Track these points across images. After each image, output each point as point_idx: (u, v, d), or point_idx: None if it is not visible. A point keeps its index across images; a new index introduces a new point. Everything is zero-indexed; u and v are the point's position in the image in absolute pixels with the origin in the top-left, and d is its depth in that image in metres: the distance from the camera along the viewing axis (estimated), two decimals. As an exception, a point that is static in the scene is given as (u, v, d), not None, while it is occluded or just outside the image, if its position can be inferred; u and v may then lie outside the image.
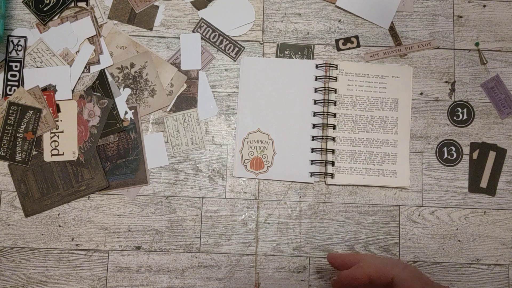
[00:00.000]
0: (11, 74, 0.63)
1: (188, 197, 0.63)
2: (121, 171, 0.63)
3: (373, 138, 0.64)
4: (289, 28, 0.66)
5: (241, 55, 0.65)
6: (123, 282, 0.61)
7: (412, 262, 0.63)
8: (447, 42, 0.66)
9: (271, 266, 0.62)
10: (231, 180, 0.64)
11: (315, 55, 0.66)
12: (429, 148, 0.65)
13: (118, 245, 0.62)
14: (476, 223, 0.64)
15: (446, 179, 0.64)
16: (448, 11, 0.67)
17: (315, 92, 0.65)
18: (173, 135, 0.64)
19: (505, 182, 0.65)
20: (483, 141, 0.65)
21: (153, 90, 0.64)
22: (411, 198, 0.64)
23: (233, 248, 0.62)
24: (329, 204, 0.64)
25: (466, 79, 0.66)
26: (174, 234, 0.62)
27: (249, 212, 0.63)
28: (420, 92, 0.66)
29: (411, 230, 0.63)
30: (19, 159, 0.62)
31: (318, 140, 0.64)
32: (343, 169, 0.63)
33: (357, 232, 0.63)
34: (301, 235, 0.63)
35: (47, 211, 0.62)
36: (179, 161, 0.64)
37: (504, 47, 0.67)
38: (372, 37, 0.66)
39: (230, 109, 0.65)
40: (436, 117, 0.65)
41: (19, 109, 0.62)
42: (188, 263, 0.62)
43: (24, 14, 0.65)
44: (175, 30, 0.66)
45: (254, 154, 0.64)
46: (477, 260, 0.63)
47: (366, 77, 0.65)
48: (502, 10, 0.67)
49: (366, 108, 0.65)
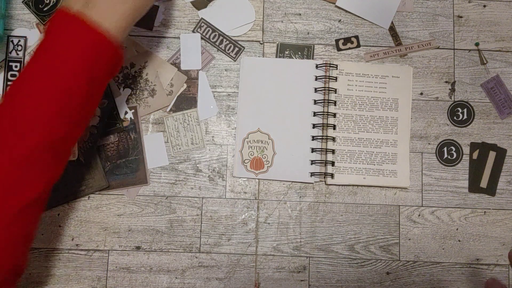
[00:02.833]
0: (11, 74, 0.63)
1: (188, 197, 0.63)
2: (121, 171, 0.63)
3: (373, 138, 0.64)
4: (289, 28, 0.66)
5: (241, 55, 0.65)
6: (123, 282, 0.61)
7: (412, 262, 0.63)
8: (447, 42, 0.66)
9: (271, 266, 0.62)
10: (231, 180, 0.64)
11: (315, 55, 0.66)
12: (429, 148, 0.65)
13: (118, 245, 0.62)
14: (476, 223, 0.64)
15: (446, 179, 0.64)
16: (448, 11, 0.67)
17: (315, 92, 0.65)
18: (173, 135, 0.64)
19: (505, 182, 0.65)
20: (483, 141, 0.65)
21: (153, 90, 0.64)
22: (411, 198, 0.64)
23: (233, 248, 0.62)
24: (329, 204, 0.64)
25: (466, 79, 0.66)
26: (174, 234, 0.62)
27: (249, 212, 0.63)
28: (420, 92, 0.66)
29: (411, 230, 0.63)
30: (19, 159, 0.62)
31: (318, 140, 0.64)
32: (343, 169, 0.63)
33: (357, 232, 0.63)
34: (301, 235, 0.63)
35: (47, 211, 0.62)
36: (179, 161, 0.64)
37: (504, 47, 0.67)
38: (372, 37, 0.66)
39: (230, 109, 0.65)
40: (436, 117, 0.65)
41: (19, 109, 0.62)
42: (188, 263, 0.62)
43: (24, 14, 0.65)
44: (175, 30, 0.66)
45: (254, 154, 0.64)
46: (477, 260, 0.63)
47: (366, 77, 0.65)
48: (502, 10, 0.67)
49: (366, 108, 0.65)
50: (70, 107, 0.45)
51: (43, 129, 0.43)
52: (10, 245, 0.44)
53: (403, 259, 0.63)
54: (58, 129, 0.44)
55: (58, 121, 0.44)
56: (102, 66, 0.46)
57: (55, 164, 0.46)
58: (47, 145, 0.44)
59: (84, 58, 0.44)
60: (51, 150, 0.45)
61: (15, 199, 0.43)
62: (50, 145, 0.44)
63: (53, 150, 0.45)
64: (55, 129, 0.44)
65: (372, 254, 0.63)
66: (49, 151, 0.44)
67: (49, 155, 0.45)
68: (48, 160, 0.45)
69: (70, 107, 0.45)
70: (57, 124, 0.44)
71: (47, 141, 0.44)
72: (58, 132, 0.44)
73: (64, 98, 0.44)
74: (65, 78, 0.44)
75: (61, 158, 0.47)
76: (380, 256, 0.63)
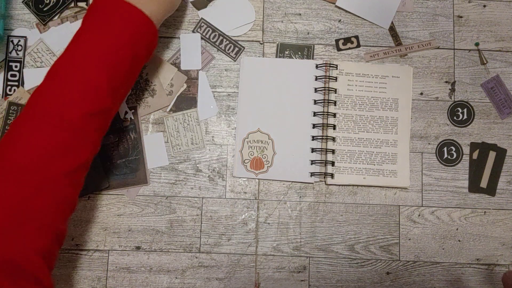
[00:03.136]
0: (11, 74, 0.63)
1: (188, 197, 0.63)
2: (121, 171, 0.63)
3: (373, 138, 0.64)
4: (289, 28, 0.66)
5: (241, 55, 0.65)
6: (123, 282, 0.61)
7: (412, 262, 0.63)
8: (447, 42, 0.66)
9: (271, 266, 0.62)
10: (231, 180, 0.64)
11: (315, 55, 0.66)
12: (429, 148, 0.65)
13: (118, 245, 0.62)
14: (476, 223, 0.64)
15: (446, 179, 0.64)
16: (448, 11, 0.67)
17: (315, 92, 0.65)
18: (173, 135, 0.64)
19: (505, 182, 0.65)
20: (483, 141, 0.65)
21: (153, 90, 0.64)
22: (411, 198, 0.64)
23: (233, 248, 0.62)
24: (329, 204, 0.64)
25: (466, 79, 0.66)
26: (174, 234, 0.62)
27: (249, 212, 0.63)
28: (420, 92, 0.66)
29: (411, 230, 0.63)
30: (19, 159, 0.62)
31: (318, 140, 0.64)
32: (343, 169, 0.63)
33: (357, 232, 0.63)
34: (301, 235, 0.63)
35: (47, 211, 0.62)
36: (179, 161, 0.64)
37: (504, 47, 0.67)
38: (372, 37, 0.66)
39: (230, 109, 0.65)
40: (436, 117, 0.65)
41: (19, 109, 0.62)
42: (188, 263, 0.62)
43: (24, 14, 0.65)
44: (175, 30, 0.66)
45: (254, 154, 0.64)
46: (477, 260, 0.63)
47: (366, 77, 0.65)
48: (502, 10, 0.67)
49: (366, 108, 0.65)
50: (115, 80, 0.49)
51: (92, 99, 0.47)
52: (60, 204, 0.46)
53: (403, 259, 0.63)
54: (105, 99, 0.48)
55: (105, 92, 0.48)
56: (144, 45, 0.51)
57: (98, 136, 0.50)
58: (94, 114, 0.48)
59: (131, 35, 0.49)
60: (97, 120, 0.48)
61: (65, 161, 0.46)
62: (97, 115, 0.48)
63: (98, 121, 0.49)
64: (103, 99, 0.48)
65: (372, 254, 0.63)
66: (95, 121, 0.48)
67: (94, 125, 0.48)
68: (93, 130, 0.48)
69: (115, 80, 0.49)
70: (104, 95, 0.48)
71: (95, 110, 0.47)
72: (105, 103, 0.48)
73: (112, 70, 0.48)
74: (114, 52, 0.48)
75: (103, 131, 0.51)
76: (380, 256, 0.63)
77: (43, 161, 0.45)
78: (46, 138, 0.45)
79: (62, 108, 0.46)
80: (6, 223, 0.42)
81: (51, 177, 0.45)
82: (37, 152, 0.45)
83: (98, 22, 0.50)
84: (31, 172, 0.44)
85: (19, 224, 0.42)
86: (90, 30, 0.50)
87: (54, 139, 0.45)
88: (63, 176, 0.45)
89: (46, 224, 0.44)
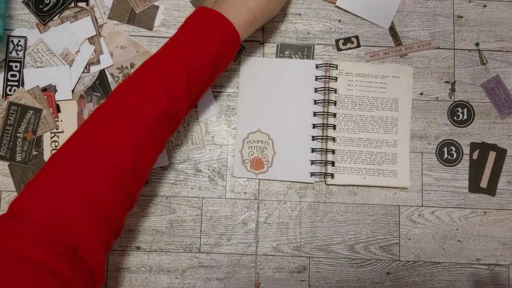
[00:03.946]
0: (11, 74, 0.63)
1: (188, 197, 0.63)
2: (121, 171, 0.63)
3: (373, 138, 0.64)
4: (289, 28, 0.66)
5: (241, 55, 0.65)
6: (123, 282, 0.61)
7: (412, 262, 0.63)
8: (447, 42, 0.66)
9: (271, 266, 0.62)
10: (231, 180, 0.64)
11: (315, 55, 0.66)
12: (429, 148, 0.65)
13: (118, 245, 0.62)
14: (476, 223, 0.64)
15: (446, 179, 0.64)
16: (448, 11, 0.67)
17: (315, 92, 0.65)
18: (173, 135, 0.64)
19: (505, 182, 0.65)
20: (483, 141, 0.65)
21: (153, 90, 0.64)
22: (411, 198, 0.64)
23: (233, 248, 0.62)
24: (329, 204, 0.64)
25: (466, 79, 0.66)
26: (174, 234, 0.62)
27: (249, 212, 0.63)
28: (420, 92, 0.66)
29: (411, 230, 0.63)
30: (19, 159, 0.62)
31: (318, 140, 0.64)
32: (343, 169, 0.63)
33: (357, 232, 0.63)
34: (301, 235, 0.63)
35: (47, 211, 0.62)
36: (179, 161, 0.64)
37: (504, 47, 0.67)
38: (372, 37, 0.66)
39: (230, 109, 0.65)
40: (436, 117, 0.65)
41: (19, 109, 0.62)
42: (188, 263, 0.62)
43: (24, 14, 0.65)
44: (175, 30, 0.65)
45: (254, 154, 0.64)
46: (477, 260, 0.63)
47: (366, 77, 0.65)
48: (502, 10, 0.67)
49: (366, 108, 0.65)
50: (193, 85, 0.51)
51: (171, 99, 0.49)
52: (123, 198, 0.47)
53: (403, 259, 0.63)
54: (181, 102, 0.50)
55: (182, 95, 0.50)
56: (225, 56, 0.54)
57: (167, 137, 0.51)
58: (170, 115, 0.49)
59: (217, 45, 0.51)
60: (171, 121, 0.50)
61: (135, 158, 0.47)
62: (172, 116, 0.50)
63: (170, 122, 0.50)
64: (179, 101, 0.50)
65: (372, 254, 0.63)
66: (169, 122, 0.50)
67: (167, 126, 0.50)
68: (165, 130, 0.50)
69: (193, 85, 0.51)
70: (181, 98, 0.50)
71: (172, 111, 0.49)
72: (181, 105, 0.50)
73: (191, 75, 0.50)
74: (196, 57, 0.51)
75: (171, 133, 0.52)
76: (380, 256, 0.63)
77: (117, 154, 0.45)
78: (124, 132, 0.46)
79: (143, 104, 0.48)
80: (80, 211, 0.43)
81: (120, 172, 0.45)
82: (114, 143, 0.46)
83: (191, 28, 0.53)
84: (106, 164, 0.45)
85: (89, 214, 0.43)
86: (180, 35, 0.53)
87: (131, 134, 0.46)
88: (132, 171, 0.46)
89: (110, 216, 0.45)
